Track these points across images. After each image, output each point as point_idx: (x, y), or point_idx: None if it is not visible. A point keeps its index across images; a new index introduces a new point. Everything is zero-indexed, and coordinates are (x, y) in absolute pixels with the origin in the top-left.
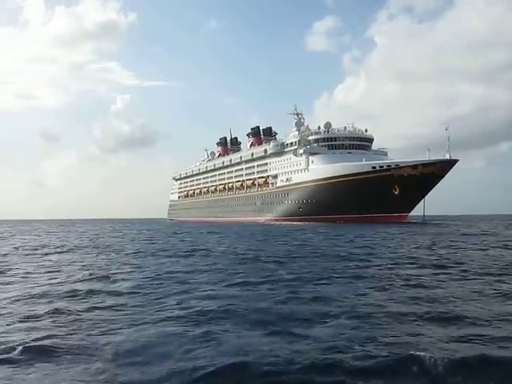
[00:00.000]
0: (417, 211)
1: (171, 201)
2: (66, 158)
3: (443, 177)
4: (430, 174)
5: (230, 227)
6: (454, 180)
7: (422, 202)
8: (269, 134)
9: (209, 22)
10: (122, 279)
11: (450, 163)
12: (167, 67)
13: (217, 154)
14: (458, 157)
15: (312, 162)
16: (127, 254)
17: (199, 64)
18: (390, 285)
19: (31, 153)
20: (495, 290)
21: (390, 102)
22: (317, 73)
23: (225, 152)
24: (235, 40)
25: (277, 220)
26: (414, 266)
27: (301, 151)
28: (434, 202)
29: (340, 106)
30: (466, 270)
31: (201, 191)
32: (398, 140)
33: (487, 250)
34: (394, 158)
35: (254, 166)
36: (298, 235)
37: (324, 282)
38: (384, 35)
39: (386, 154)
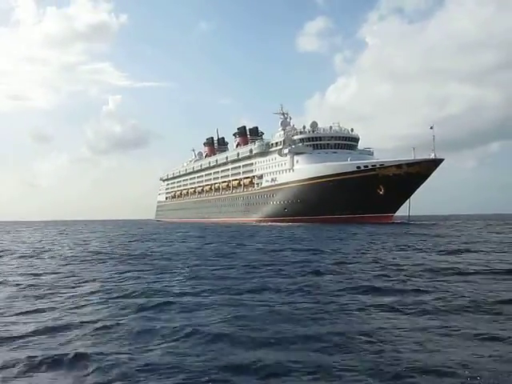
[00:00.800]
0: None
1: (159, 202)
2: (57, 158)
3: (428, 176)
4: (415, 173)
5: (210, 229)
6: (448, 180)
7: (407, 202)
8: (255, 133)
9: (201, 22)
10: None
11: (435, 162)
12: (159, 68)
13: (204, 155)
14: (450, 157)
15: (297, 161)
16: None
17: (191, 65)
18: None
19: (23, 153)
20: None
21: (382, 103)
22: (308, 73)
23: (212, 152)
24: (227, 41)
25: (262, 221)
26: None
27: (286, 151)
28: (427, 202)
29: (332, 107)
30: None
31: (188, 192)
32: (390, 140)
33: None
34: (387, 158)
35: (239, 167)
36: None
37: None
38: (375, 36)
39: (371, 153)
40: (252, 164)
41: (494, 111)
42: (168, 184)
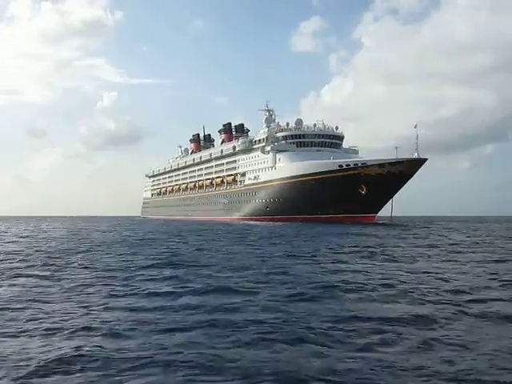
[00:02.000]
0: (400, 212)
1: (144, 198)
2: (51, 154)
3: (411, 176)
4: (398, 173)
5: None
6: (442, 182)
7: (390, 202)
8: (241, 130)
9: (196, 21)
10: None
11: (418, 162)
12: (155, 65)
13: (190, 151)
14: (444, 158)
15: (279, 159)
16: None
17: (187, 62)
18: None
19: (17, 148)
20: None
21: (376, 103)
22: (303, 73)
23: (197, 149)
24: (222, 39)
25: (244, 219)
26: None
27: (268, 148)
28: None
29: (327, 107)
30: None
31: (172, 189)
32: (384, 141)
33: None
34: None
35: (223, 164)
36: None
37: None
38: (369, 37)
39: (357, 152)
40: (235, 161)
41: (488, 113)
42: (154, 181)
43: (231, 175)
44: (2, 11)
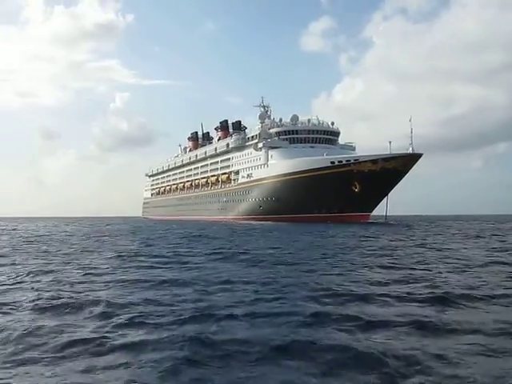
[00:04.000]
0: (403, 211)
1: (145, 198)
2: (65, 156)
3: (406, 173)
4: (392, 169)
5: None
6: (454, 180)
7: (385, 199)
8: (238, 127)
9: (207, 21)
10: None
11: (413, 157)
12: (167, 66)
13: (188, 150)
14: (456, 157)
15: (271, 156)
16: None
17: (198, 63)
18: None
19: (31, 150)
20: None
21: (387, 103)
22: (313, 73)
23: (195, 147)
24: (233, 40)
25: (238, 219)
26: None
27: (260, 145)
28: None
29: (338, 106)
30: None
31: (170, 188)
32: (395, 140)
33: None
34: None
35: (217, 162)
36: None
37: None
38: (379, 36)
39: (353, 148)
40: (229, 159)
41: (500, 111)
42: (153, 180)
43: (226, 173)
44: (15, 15)
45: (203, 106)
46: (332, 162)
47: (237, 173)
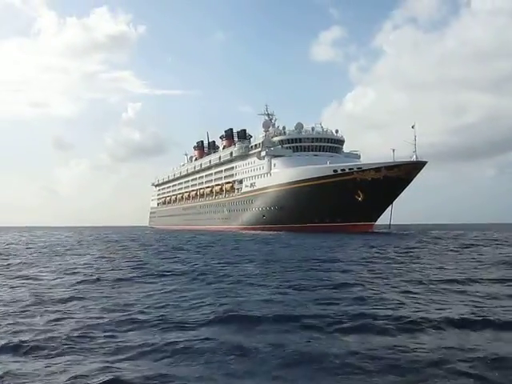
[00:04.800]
0: (411, 220)
1: (151, 208)
2: (77, 165)
3: (410, 181)
4: (395, 177)
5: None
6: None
7: (390, 208)
8: (243, 136)
9: (218, 30)
10: None
11: (417, 165)
12: (179, 76)
13: (194, 159)
14: (468, 165)
15: (274, 165)
16: None
17: (210, 72)
18: None
19: (44, 160)
20: None
21: (398, 112)
22: (324, 82)
23: (201, 156)
24: (244, 48)
25: (242, 229)
26: None
27: (263, 154)
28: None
29: (348, 115)
30: None
31: (176, 198)
32: (406, 149)
33: None
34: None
35: (221, 171)
36: None
37: None
38: (390, 45)
39: (358, 156)
40: (233, 168)
41: None
42: (159, 190)
43: (229, 182)
44: (28, 27)
45: (214, 115)
46: (335, 171)
47: (240, 182)
